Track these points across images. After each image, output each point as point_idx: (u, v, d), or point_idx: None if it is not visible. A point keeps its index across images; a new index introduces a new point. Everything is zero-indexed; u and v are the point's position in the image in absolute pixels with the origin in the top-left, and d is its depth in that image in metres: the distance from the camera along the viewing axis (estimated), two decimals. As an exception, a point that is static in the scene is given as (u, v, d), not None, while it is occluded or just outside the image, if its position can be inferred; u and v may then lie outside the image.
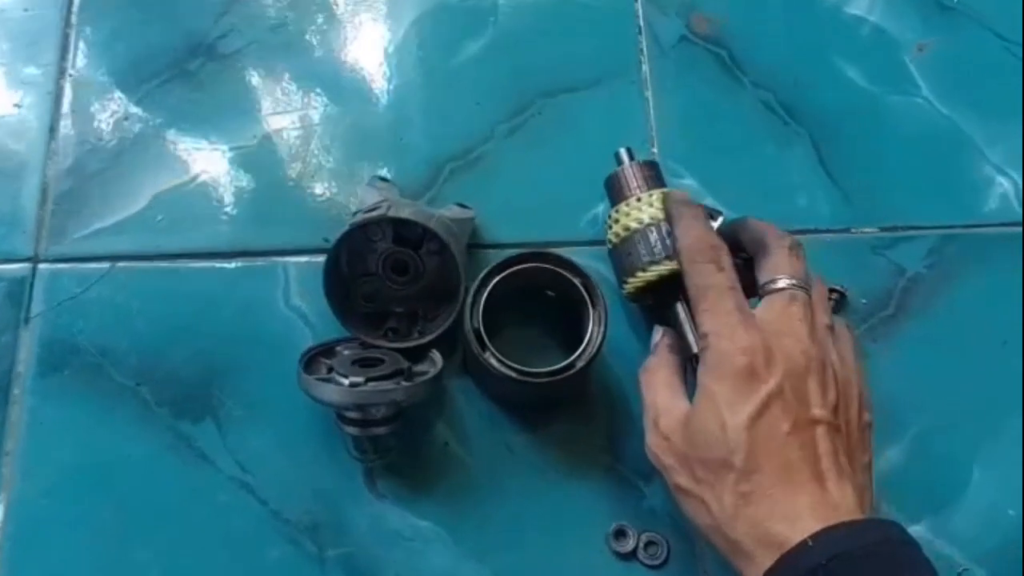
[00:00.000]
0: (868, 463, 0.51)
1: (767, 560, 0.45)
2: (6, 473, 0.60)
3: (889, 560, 0.44)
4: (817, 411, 0.48)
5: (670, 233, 0.59)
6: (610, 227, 0.63)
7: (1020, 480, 0.64)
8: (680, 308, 0.61)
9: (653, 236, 0.60)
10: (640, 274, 0.60)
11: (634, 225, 0.61)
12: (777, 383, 0.48)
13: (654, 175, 0.64)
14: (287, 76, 0.72)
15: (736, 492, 0.47)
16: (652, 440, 0.54)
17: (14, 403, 0.61)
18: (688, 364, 0.60)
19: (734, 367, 0.48)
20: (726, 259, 0.53)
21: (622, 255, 0.62)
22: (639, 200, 0.62)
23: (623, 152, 0.65)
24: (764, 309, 0.52)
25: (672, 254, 0.59)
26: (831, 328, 0.53)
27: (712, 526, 0.48)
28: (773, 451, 0.47)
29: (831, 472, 0.47)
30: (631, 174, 0.63)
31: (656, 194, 0.62)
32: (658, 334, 0.59)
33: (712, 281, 0.52)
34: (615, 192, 0.64)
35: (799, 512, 0.45)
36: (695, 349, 0.60)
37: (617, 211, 0.63)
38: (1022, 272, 0.69)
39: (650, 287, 0.61)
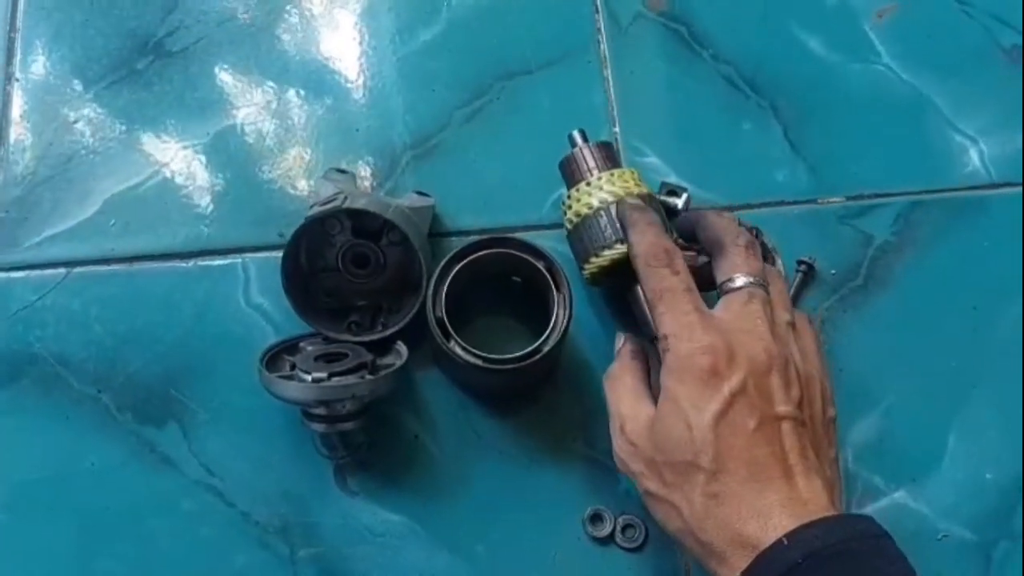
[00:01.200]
0: (835, 457, 0.51)
1: (741, 561, 0.44)
2: (-35, 488, 0.59)
3: (865, 555, 0.43)
4: (781, 408, 0.48)
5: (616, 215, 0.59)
6: (565, 212, 0.63)
7: (996, 444, 0.63)
8: (640, 289, 0.61)
9: (603, 220, 0.59)
10: (594, 259, 0.60)
11: (585, 211, 0.60)
12: (740, 381, 0.47)
13: (608, 156, 0.63)
14: (238, 71, 0.71)
15: (706, 493, 0.46)
16: (619, 446, 0.53)
17: (-30, 417, 0.60)
18: (652, 345, 0.60)
19: (695, 367, 0.48)
20: (679, 262, 0.52)
21: (576, 240, 0.61)
22: (589, 184, 0.61)
23: (576, 134, 0.64)
24: (723, 308, 0.52)
25: (624, 237, 0.58)
26: (792, 324, 0.52)
27: (684, 530, 0.48)
28: (740, 449, 0.46)
29: (799, 468, 0.46)
30: (584, 156, 0.62)
31: (606, 176, 0.61)
32: (620, 340, 0.58)
33: (667, 284, 0.51)
34: (569, 175, 0.63)
35: (770, 509, 0.45)
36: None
37: (570, 196, 0.62)
38: None
39: (606, 271, 0.60)
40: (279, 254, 0.64)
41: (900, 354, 0.65)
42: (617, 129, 0.71)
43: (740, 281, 0.52)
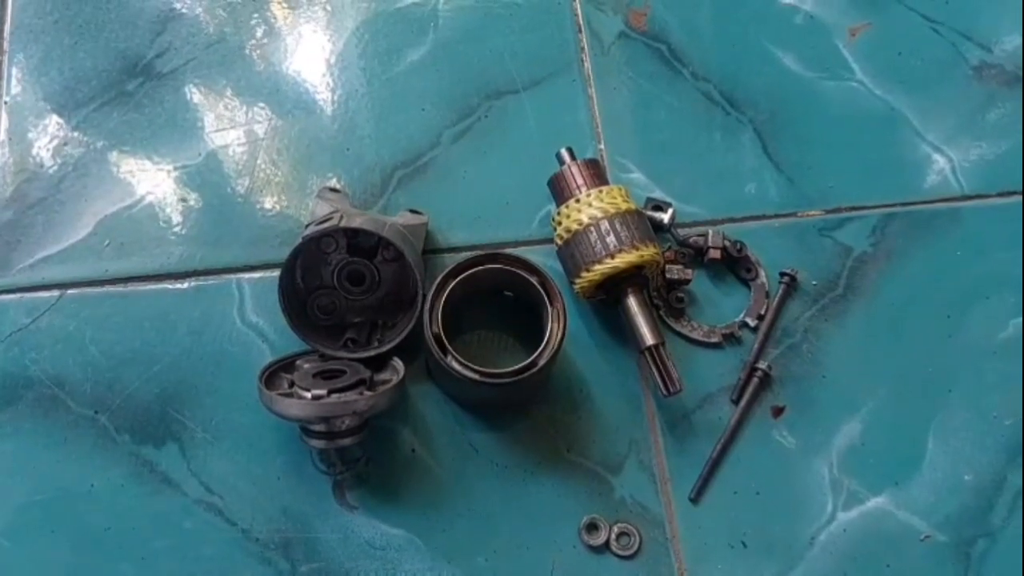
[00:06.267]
0: None
1: None
2: (-37, 513, 0.58)
3: None
4: None
5: (611, 230, 0.60)
6: (555, 228, 0.64)
7: (972, 446, 0.65)
8: (631, 302, 0.63)
9: (594, 235, 0.61)
10: (585, 273, 0.62)
11: (575, 226, 0.62)
12: None
13: (595, 173, 0.65)
14: (229, 92, 0.71)
15: None
16: None
17: (-33, 441, 0.60)
18: (642, 357, 0.62)
19: None
20: None
21: (567, 255, 0.63)
22: (578, 201, 0.63)
23: (564, 152, 0.66)
24: None
25: (615, 251, 0.60)
26: None
27: None
28: None
29: None
30: (572, 174, 0.64)
31: (595, 192, 0.63)
32: None
33: None
34: (558, 192, 0.65)
35: None
36: (648, 342, 0.61)
37: (560, 212, 0.64)
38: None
39: (597, 285, 0.62)
40: (273, 273, 0.65)
41: (879, 361, 0.67)
42: (602, 146, 0.72)
43: None
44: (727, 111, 0.74)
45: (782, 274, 0.68)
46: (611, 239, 0.61)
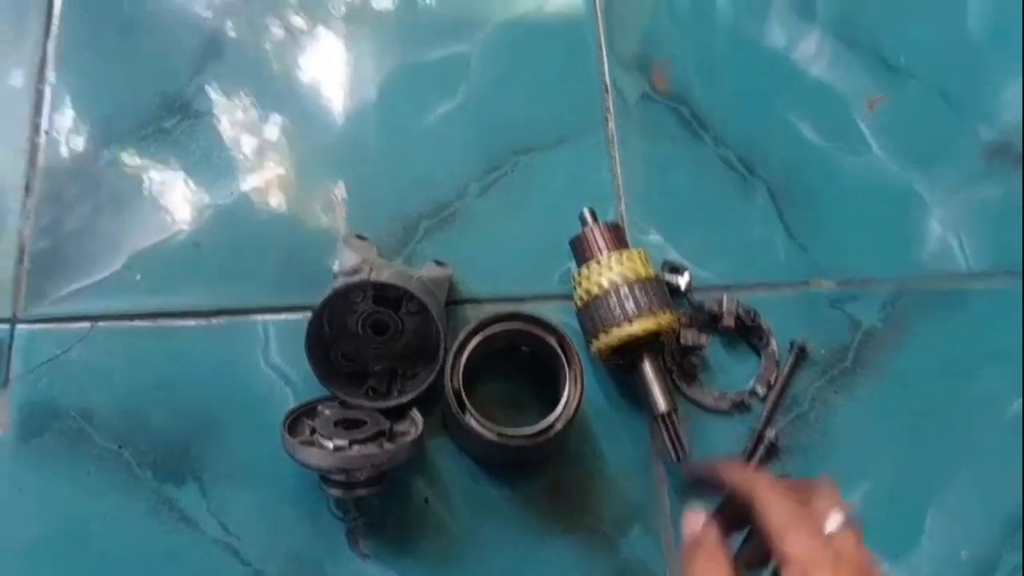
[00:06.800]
0: None
1: None
2: (-14, 539, 0.60)
3: None
4: None
5: (631, 295, 0.62)
6: (575, 288, 0.66)
7: (972, 523, 0.67)
8: (646, 367, 0.64)
9: (613, 300, 0.63)
10: (603, 336, 0.63)
11: (595, 290, 0.64)
12: None
13: (617, 236, 0.67)
14: (263, 134, 0.73)
15: None
16: None
17: (-7, 468, 0.62)
18: (655, 423, 0.63)
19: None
20: None
21: (586, 317, 0.65)
22: (599, 263, 0.65)
23: (587, 213, 0.68)
24: None
25: (633, 316, 0.61)
26: None
27: None
28: None
29: None
30: (595, 236, 0.66)
31: (616, 256, 0.64)
32: (695, 520, 0.54)
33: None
34: (580, 253, 0.67)
35: None
36: (662, 409, 0.63)
37: (580, 273, 0.66)
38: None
39: (614, 348, 0.64)
40: (298, 316, 0.67)
41: (884, 435, 0.69)
42: (623, 206, 0.74)
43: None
44: (745, 177, 0.76)
45: (792, 343, 0.70)
46: (630, 304, 0.63)
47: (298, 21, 0.77)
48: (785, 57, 0.81)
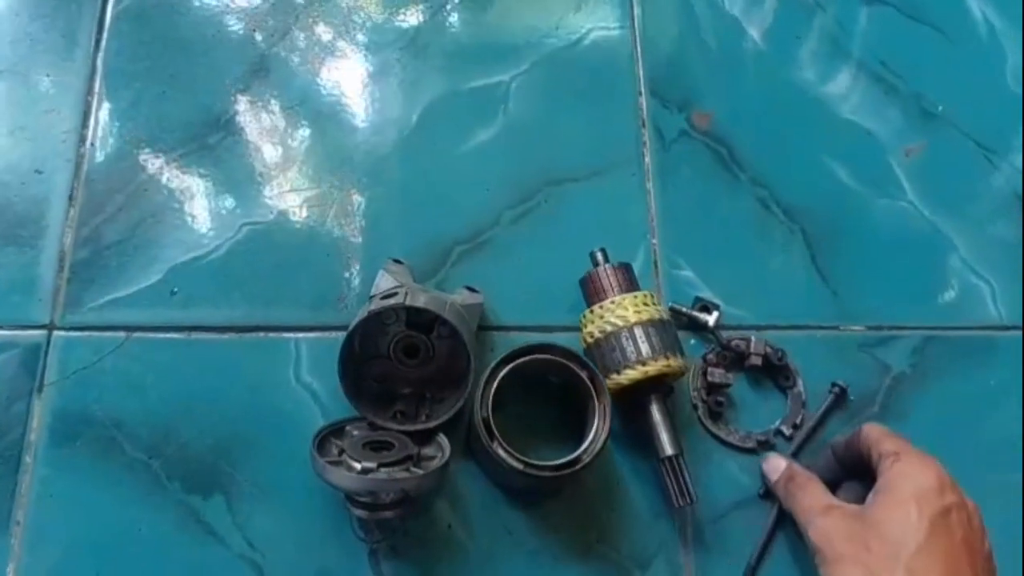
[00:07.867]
0: None
1: None
2: (14, 544, 0.60)
3: None
4: (986, 543, 0.58)
5: (640, 337, 0.63)
6: (583, 327, 0.66)
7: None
8: (653, 410, 0.64)
9: (622, 341, 0.63)
10: (614, 376, 0.63)
11: (606, 328, 0.64)
12: (957, 500, 0.57)
13: (626, 278, 0.67)
14: (303, 155, 0.74)
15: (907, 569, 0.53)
16: (827, 526, 0.58)
17: (25, 472, 0.62)
18: (659, 466, 0.63)
19: (926, 476, 0.58)
20: None
21: (595, 357, 0.65)
22: (612, 303, 0.65)
23: (598, 253, 0.69)
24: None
25: (643, 359, 0.62)
26: None
27: None
28: (942, 550, 0.54)
29: None
30: (604, 276, 0.67)
31: (629, 298, 0.65)
32: (781, 464, 0.66)
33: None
34: (590, 293, 0.67)
35: None
36: (667, 452, 0.63)
37: (589, 313, 0.66)
38: None
39: (622, 389, 0.63)
40: (331, 335, 0.67)
41: (909, 483, 0.68)
42: (656, 241, 0.75)
43: None
44: (780, 219, 0.77)
45: (833, 384, 0.70)
46: (639, 346, 0.63)
47: (343, 46, 0.79)
48: (824, 102, 0.82)
